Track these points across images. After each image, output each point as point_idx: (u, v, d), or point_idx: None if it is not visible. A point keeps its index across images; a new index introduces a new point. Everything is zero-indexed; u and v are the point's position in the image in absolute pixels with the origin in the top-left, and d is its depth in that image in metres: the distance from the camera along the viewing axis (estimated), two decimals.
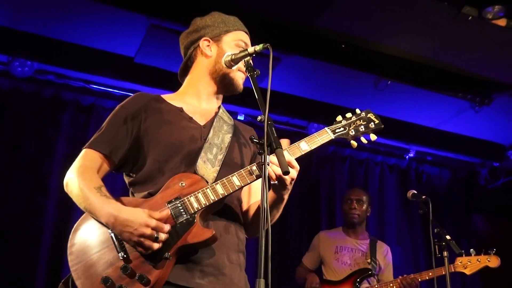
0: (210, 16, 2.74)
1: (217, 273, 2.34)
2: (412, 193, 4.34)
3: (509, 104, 6.35)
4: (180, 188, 2.34)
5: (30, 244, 5.40)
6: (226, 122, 2.66)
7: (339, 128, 2.61)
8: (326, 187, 7.06)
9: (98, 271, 2.22)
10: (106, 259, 2.23)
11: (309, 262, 5.49)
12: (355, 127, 2.63)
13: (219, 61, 2.60)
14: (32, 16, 5.18)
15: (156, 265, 2.21)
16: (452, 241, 3.98)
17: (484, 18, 4.81)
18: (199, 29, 2.70)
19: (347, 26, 5.30)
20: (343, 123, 2.62)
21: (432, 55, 5.72)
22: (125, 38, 5.42)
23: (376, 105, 6.51)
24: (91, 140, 2.50)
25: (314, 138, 2.52)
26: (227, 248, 2.40)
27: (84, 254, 2.26)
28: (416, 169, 7.70)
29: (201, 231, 2.28)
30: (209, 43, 2.66)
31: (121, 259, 2.21)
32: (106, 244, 2.26)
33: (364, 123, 2.65)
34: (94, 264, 2.24)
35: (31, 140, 5.68)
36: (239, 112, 6.50)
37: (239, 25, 2.72)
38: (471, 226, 7.78)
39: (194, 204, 2.30)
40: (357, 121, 2.64)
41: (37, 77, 5.80)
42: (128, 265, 2.19)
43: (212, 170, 2.44)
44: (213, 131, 2.55)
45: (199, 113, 2.61)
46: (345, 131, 2.61)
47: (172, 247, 2.23)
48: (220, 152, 2.51)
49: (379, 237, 6.37)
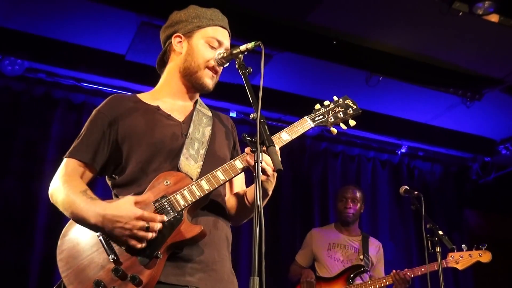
0: (186, 10, 2.67)
1: (207, 269, 2.34)
2: (405, 189, 4.35)
3: (500, 99, 6.38)
4: (165, 186, 2.33)
5: (21, 249, 5.37)
6: (204, 115, 2.65)
7: (318, 116, 2.64)
8: (318, 183, 7.07)
9: (89, 275, 2.21)
10: (97, 263, 2.23)
11: (302, 260, 5.49)
12: (334, 114, 2.65)
13: (188, 59, 2.57)
14: (22, 14, 5.15)
15: (147, 265, 2.20)
16: (445, 236, 4.00)
17: (474, 13, 4.82)
18: (174, 24, 2.65)
19: (338, 22, 5.31)
20: (322, 110, 2.65)
21: (423, 51, 5.73)
22: (116, 35, 5.40)
23: (367, 101, 6.54)
24: (70, 149, 2.50)
25: (294, 127, 2.56)
26: (216, 244, 2.41)
27: (74, 260, 2.26)
28: (408, 164, 7.73)
29: (189, 228, 2.27)
30: (181, 39, 2.61)
31: (112, 261, 2.21)
32: (96, 248, 2.26)
33: (342, 109, 2.67)
34: (85, 268, 2.23)
35: (22, 139, 5.65)
36: (231, 109, 6.49)
37: (215, 20, 2.63)
38: (463, 221, 7.82)
39: (181, 202, 2.29)
40: (335, 107, 2.67)
41: (27, 76, 5.77)
42: (119, 267, 2.18)
43: (195, 166, 2.44)
44: (193, 126, 2.53)
45: (177, 110, 2.59)
46: (324, 119, 2.63)
47: (162, 245, 2.23)
48: (202, 147, 2.50)
49: (372, 233, 6.39)
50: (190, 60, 2.57)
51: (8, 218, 5.38)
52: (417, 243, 7.07)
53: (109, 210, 2.21)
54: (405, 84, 6.10)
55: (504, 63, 5.79)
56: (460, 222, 7.73)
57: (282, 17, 5.25)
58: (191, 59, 2.57)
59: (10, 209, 5.41)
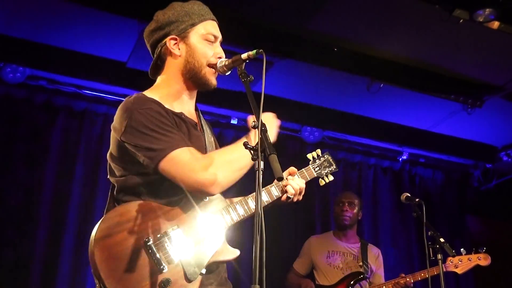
0: (171, 9, 2.58)
1: (220, 280, 2.41)
2: (406, 196, 4.33)
3: (501, 105, 6.38)
4: (204, 202, 2.38)
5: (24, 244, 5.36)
6: (206, 124, 2.68)
7: (317, 167, 3.01)
8: (319, 190, 7.05)
9: (137, 283, 2.13)
10: (145, 270, 2.16)
11: (301, 268, 5.48)
12: (324, 168, 3.04)
13: (190, 61, 2.53)
14: (24, 22, 5.16)
15: (193, 281, 2.22)
16: (446, 243, 3.98)
17: (475, 21, 4.82)
18: (163, 26, 2.56)
19: (339, 29, 5.31)
20: (317, 162, 3.02)
21: (424, 58, 5.74)
22: (117, 43, 5.41)
23: (368, 108, 6.55)
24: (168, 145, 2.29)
25: (303, 173, 2.92)
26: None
27: (119, 261, 2.14)
28: (410, 171, 7.71)
29: (230, 250, 2.38)
30: (176, 41, 2.54)
31: (163, 272, 2.18)
32: (143, 254, 2.18)
33: (327, 165, 3.06)
34: (131, 274, 2.13)
35: (23, 146, 5.65)
36: (232, 116, 6.49)
37: (205, 14, 2.59)
38: (465, 228, 7.80)
39: (222, 222, 2.37)
40: (324, 162, 3.05)
41: (29, 83, 5.77)
42: (169, 278, 2.16)
43: None
44: (206, 136, 2.55)
45: (190, 117, 2.57)
46: (319, 171, 3.02)
47: (206, 262, 2.27)
48: None
49: (373, 239, 6.39)
50: (193, 61, 2.53)
51: (10, 221, 5.38)
52: (418, 250, 7.06)
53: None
54: (406, 91, 6.09)
55: (505, 70, 5.79)
56: (462, 229, 7.72)
57: (283, 25, 5.26)
58: (193, 59, 2.53)
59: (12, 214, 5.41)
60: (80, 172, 5.74)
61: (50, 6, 4.92)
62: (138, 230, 2.19)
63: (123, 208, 2.26)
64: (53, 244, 5.37)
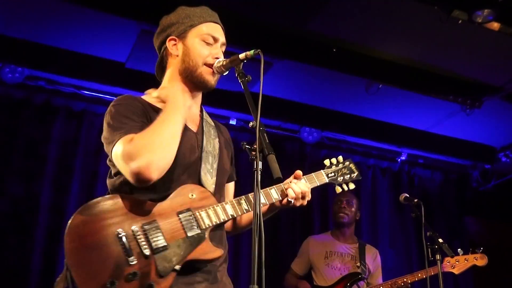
0: (175, 12, 2.65)
1: (212, 280, 2.37)
2: (405, 197, 4.34)
3: (500, 106, 6.38)
4: (190, 200, 2.33)
5: (23, 250, 5.36)
6: (211, 125, 2.66)
7: (330, 173, 2.86)
8: (318, 190, 7.05)
9: (104, 273, 2.08)
10: (114, 262, 2.11)
11: (298, 268, 5.48)
12: (342, 174, 2.90)
13: (186, 60, 2.54)
14: (23, 22, 5.16)
15: (166, 277, 2.16)
16: (445, 244, 3.99)
17: (474, 21, 4.82)
18: (166, 29, 2.62)
19: (338, 30, 5.31)
20: (333, 168, 2.88)
21: (423, 59, 5.74)
22: (116, 43, 5.41)
23: (367, 108, 6.56)
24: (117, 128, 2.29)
25: (312, 178, 2.74)
26: (221, 258, 2.42)
27: (88, 252, 2.11)
28: (408, 172, 7.72)
29: (211, 249, 2.30)
30: (175, 41, 2.58)
31: (131, 264, 2.12)
32: (115, 244, 2.13)
33: (347, 172, 2.92)
34: (99, 265, 2.10)
35: (22, 147, 5.65)
36: (231, 117, 6.50)
37: (206, 16, 2.61)
38: (464, 228, 7.81)
39: (206, 220, 2.31)
40: (342, 169, 2.91)
41: (27, 83, 5.77)
42: (137, 271, 2.12)
43: (211, 181, 2.46)
44: (205, 139, 2.54)
45: (189, 119, 2.56)
46: (335, 177, 2.87)
47: (182, 260, 2.21)
48: (214, 161, 2.52)
49: (372, 240, 6.39)
50: (188, 60, 2.54)
51: (11, 220, 5.38)
52: (417, 251, 7.05)
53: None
54: (404, 92, 6.10)
55: (504, 70, 5.79)
56: (461, 230, 7.72)
57: (282, 25, 5.26)
58: (189, 59, 2.54)
59: (12, 211, 5.41)
60: (79, 173, 5.75)
61: (50, 7, 4.92)
62: (113, 223, 2.16)
63: (102, 200, 2.23)
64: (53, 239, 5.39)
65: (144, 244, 2.17)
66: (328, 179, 2.81)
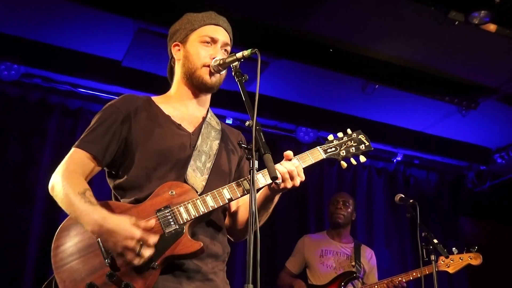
0: (180, 19, 2.71)
1: (203, 279, 2.35)
2: (400, 197, 4.35)
3: (496, 108, 6.40)
4: (170, 196, 2.31)
5: (16, 252, 5.34)
6: (214, 128, 2.64)
7: (330, 148, 2.60)
8: (314, 191, 7.06)
9: (83, 276, 2.18)
10: (92, 264, 2.19)
11: (293, 267, 5.48)
12: (346, 148, 2.63)
13: (185, 63, 2.59)
14: (19, 19, 5.14)
15: (143, 274, 2.18)
16: (440, 244, 4.00)
17: (470, 23, 4.83)
18: (172, 36, 2.70)
19: (334, 30, 5.32)
20: (334, 142, 2.62)
21: (419, 60, 5.75)
22: (113, 42, 5.40)
23: (363, 109, 6.56)
24: (80, 139, 2.43)
25: (306, 156, 2.50)
26: (213, 257, 2.40)
27: (69, 257, 2.22)
28: (404, 172, 7.73)
29: (189, 243, 2.26)
30: (179, 47, 2.64)
31: (107, 265, 2.17)
32: (92, 249, 2.22)
33: (355, 144, 2.66)
34: (79, 268, 2.19)
35: (17, 145, 5.63)
36: (227, 116, 6.49)
37: (207, 19, 2.63)
38: (459, 229, 7.83)
39: (184, 215, 2.28)
40: (348, 141, 2.65)
41: (23, 81, 5.76)
42: (114, 273, 2.15)
43: (201, 179, 2.43)
44: (201, 138, 2.52)
45: (187, 120, 2.58)
46: (336, 151, 2.60)
47: (159, 256, 2.20)
48: (208, 160, 2.50)
49: (367, 240, 6.40)
50: (188, 63, 2.58)
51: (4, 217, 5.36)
52: (412, 251, 7.07)
53: (108, 222, 2.14)
54: (401, 92, 6.11)
55: (500, 72, 5.81)
56: (456, 230, 7.74)
57: (279, 25, 5.26)
58: (188, 61, 2.58)
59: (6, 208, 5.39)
60: None
61: (46, 4, 4.92)
62: None
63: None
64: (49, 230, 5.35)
65: None
66: (326, 155, 2.55)
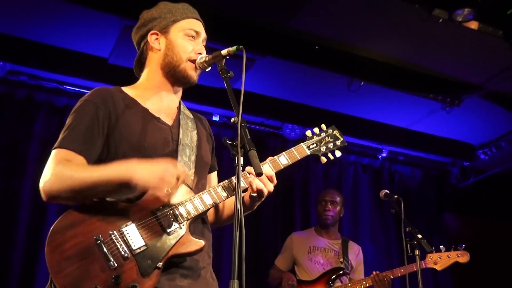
0: (156, 7, 2.62)
1: (194, 275, 2.35)
2: (385, 193, 4.37)
3: (479, 105, 6.44)
4: (166, 195, 2.25)
5: (3, 248, 5.30)
6: (189, 118, 2.63)
7: (312, 144, 2.69)
8: (300, 186, 7.07)
9: (85, 281, 2.09)
10: (95, 268, 2.11)
11: (282, 264, 5.49)
12: (325, 143, 2.71)
13: (169, 54, 2.53)
14: (5, 16, 5.10)
15: (149, 276, 2.15)
16: (424, 239, 4.02)
17: (454, 20, 4.86)
18: (147, 23, 2.59)
19: (320, 28, 5.32)
20: (315, 139, 2.71)
21: (404, 57, 5.77)
22: (99, 39, 5.37)
23: (349, 106, 6.58)
24: (60, 139, 2.34)
25: (292, 153, 2.60)
26: (203, 253, 2.39)
27: (67, 261, 2.11)
28: (389, 168, 7.76)
29: (192, 241, 2.27)
30: (157, 36, 2.55)
31: (112, 268, 2.12)
32: (93, 252, 2.14)
33: (331, 140, 2.74)
34: (80, 273, 2.10)
35: (4, 141, 5.58)
36: (214, 113, 6.49)
37: (188, 13, 2.60)
38: (443, 224, 7.88)
39: (184, 214, 2.28)
40: (325, 137, 2.73)
41: (9, 78, 5.71)
42: (120, 275, 2.11)
43: (190, 174, 2.42)
44: (182, 131, 2.50)
45: (164, 112, 2.53)
46: (317, 148, 2.69)
47: (164, 256, 2.20)
48: (192, 153, 2.49)
49: (353, 236, 6.42)
50: (171, 54, 2.52)
51: None
52: (397, 246, 7.10)
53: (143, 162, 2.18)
54: (386, 90, 6.13)
55: (483, 69, 5.84)
56: (440, 225, 7.79)
57: (265, 22, 5.26)
58: (172, 53, 2.52)
59: None
60: None
61: (32, 2, 4.88)
62: (90, 230, 2.17)
63: (78, 209, 2.23)
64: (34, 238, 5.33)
65: (123, 247, 2.16)
66: (309, 151, 2.64)
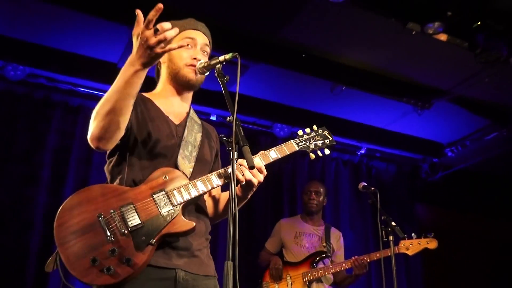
0: None
1: (190, 255, 2.36)
2: (363, 185, 4.39)
3: (447, 108, 6.46)
4: (164, 181, 2.33)
5: (22, 232, 5.28)
6: (196, 122, 2.66)
7: (302, 141, 2.72)
8: (288, 179, 7.08)
9: (86, 252, 2.15)
10: (95, 241, 2.17)
11: (271, 247, 5.51)
12: (314, 141, 2.74)
13: (170, 65, 2.59)
14: (25, 24, 5.08)
15: (142, 250, 2.19)
16: (397, 227, 4.04)
17: (425, 33, 4.87)
18: None
19: (307, 38, 5.33)
20: (305, 137, 2.74)
21: (381, 65, 5.79)
22: (110, 46, 5.36)
23: (332, 107, 6.59)
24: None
25: (282, 148, 2.62)
26: (198, 234, 2.41)
27: (72, 234, 2.17)
28: (367, 164, 7.77)
29: (183, 222, 2.29)
30: None
31: (110, 242, 2.17)
32: (94, 227, 2.19)
33: (321, 139, 2.76)
34: (82, 245, 2.16)
35: (24, 139, 5.56)
36: (211, 113, 6.48)
37: (187, 25, 2.63)
38: (414, 214, 7.89)
39: (178, 197, 2.30)
40: (315, 136, 2.76)
41: (29, 80, 5.69)
42: (116, 248, 2.16)
43: (188, 166, 2.45)
44: (187, 130, 2.54)
45: (173, 114, 2.58)
46: (306, 145, 2.72)
47: (157, 234, 2.23)
48: (194, 150, 2.52)
49: (334, 223, 6.43)
50: (171, 64, 2.59)
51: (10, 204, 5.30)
52: (373, 233, 7.11)
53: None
54: (365, 94, 6.14)
55: (451, 76, 5.87)
56: (411, 215, 7.80)
57: (258, 33, 5.26)
58: (171, 63, 2.58)
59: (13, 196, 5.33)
60: (74, 161, 5.70)
61: (50, 11, 4.85)
62: (94, 208, 2.22)
63: (87, 190, 2.29)
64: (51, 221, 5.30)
65: (121, 224, 2.21)
66: (298, 147, 2.67)
